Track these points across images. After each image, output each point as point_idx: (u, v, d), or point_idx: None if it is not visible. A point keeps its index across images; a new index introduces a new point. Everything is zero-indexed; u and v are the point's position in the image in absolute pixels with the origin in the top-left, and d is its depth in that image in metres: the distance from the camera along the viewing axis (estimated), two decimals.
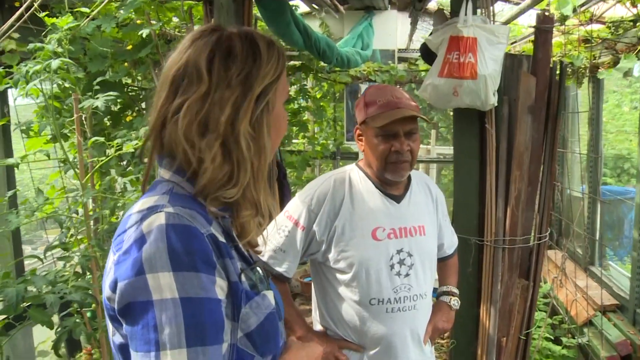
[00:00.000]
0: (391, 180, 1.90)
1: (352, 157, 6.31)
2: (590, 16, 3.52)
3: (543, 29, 2.53)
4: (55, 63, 1.97)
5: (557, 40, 4.08)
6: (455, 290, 2.14)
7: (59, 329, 1.94)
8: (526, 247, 2.72)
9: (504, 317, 2.74)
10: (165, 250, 0.90)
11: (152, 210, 0.95)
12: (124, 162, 3.15)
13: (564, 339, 3.92)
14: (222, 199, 1.02)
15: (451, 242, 2.17)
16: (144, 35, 2.71)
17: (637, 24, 3.20)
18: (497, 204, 2.65)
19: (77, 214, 2.59)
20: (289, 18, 3.17)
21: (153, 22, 3.06)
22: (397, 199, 1.93)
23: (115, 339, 0.98)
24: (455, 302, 2.10)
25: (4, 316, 2.20)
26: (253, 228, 1.08)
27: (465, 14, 2.50)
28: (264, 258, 1.89)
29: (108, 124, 3.30)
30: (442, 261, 2.17)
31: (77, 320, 1.92)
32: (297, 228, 1.88)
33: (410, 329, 1.91)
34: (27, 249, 3.84)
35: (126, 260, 0.91)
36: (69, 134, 2.91)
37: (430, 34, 2.72)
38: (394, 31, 5.53)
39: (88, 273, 2.06)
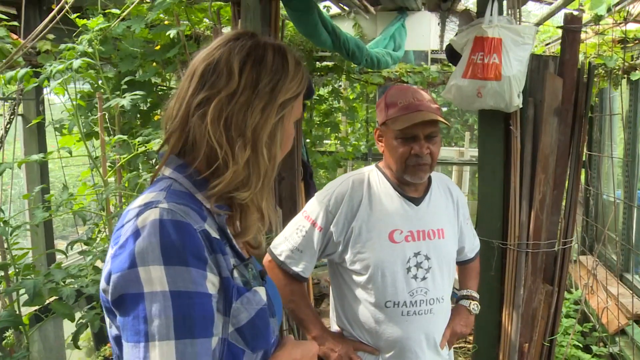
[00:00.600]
0: (410, 182, 1.89)
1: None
2: (626, 16, 3.42)
3: (571, 29, 2.48)
4: (77, 62, 2.03)
5: (592, 41, 3.98)
6: (476, 295, 2.11)
7: (79, 322, 2.00)
8: (551, 251, 2.67)
9: (527, 323, 2.69)
10: (157, 245, 0.93)
11: (148, 206, 0.98)
12: (153, 160, 3.22)
13: (594, 348, 3.82)
14: (235, 200, 1.07)
15: (472, 245, 2.14)
16: (171, 36, 2.77)
17: None
18: (521, 207, 2.61)
19: (104, 210, 2.66)
20: (316, 19, 3.17)
21: (183, 23, 3.12)
22: (416, 201, 1.92)
23: (112, 330, 1.02)
24: (474, 307, 2.07)
25: (34, 308, 2.28)
26: (254, 231, 1.13)
27: (491, 14, 2.47)
28: (281, 258, 1.91)
29: (138, 122, 3.38)
30: (463, 265, 2.15)
31: (97, 313, 1.97)
32: (315, 228, 1.88)
33: (425, 333, 1.90)
34: (61, 245, 3.95)
35: (121, 254, 0.94)
36: (99, 132, 2.99)
37: (456, 34, 2.70)
38: (427, 32, 5.47)
39: None
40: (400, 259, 1.85)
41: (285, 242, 1.93)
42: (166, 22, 3.03)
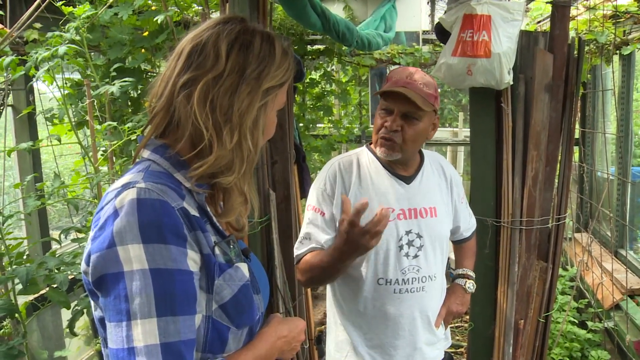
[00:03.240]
0: (397, 160, 1.90)
1: None
2: None
3: (560, 4, 2.46)
4: (62, 49, 2.02)
5: (584, 17, 3.96)
6: (471, 274, 2.12)
7: (74, 309, 2.00)
8: (544, 228, 2.67)
9: (522, 300, 2.70)
10: (135, 224, 0.93)
11: (125, 186, 0.99)
12: None
13: (589, 323, 3.85)
14: (218, 183, 1.08)
15: (468, 224, 2.15)
16: (158, 22, 2.74)
17: None
18: (514, 184, 2.61)
19: (96, 198, 2.65)
20: (305, 1, 3.15)
21: (171, 8, 3.09)
22: (407, 179, 1.92)
23: (96, 313, 1.03)
24: (470, 285, 2.09)
25: (31, 297, 2.28)
26: (236, 213, 1.14)
27: None
28: (295, 253, 1.91)
29: (129, 110, 3.36)
30: (458, 244, 2.16)
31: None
32: (317, 214, 1.90)
33: (419, 311, 1.91)
34: (56, 234, 3.95)
35: (100, 236, 0.95)
36: (89, 120, 2.97)
37: (445, 12, 2.68)
38: (417, 13, 5.43)
39: None
40: (393, 237, 1.86)
41: (296, 245, 1.94)
42: (153, 8, 3.00)
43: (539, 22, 4.77)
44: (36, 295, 2.27)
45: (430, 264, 1.92)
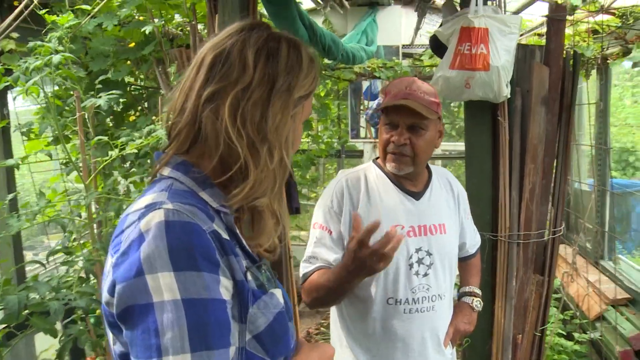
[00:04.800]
0: (405, 176, 1.85)
1: (357, 155, 6.26)
2: (600, 7, 3.46)
3: (556, 18, 2.47)
4: (56, 58, 1.91)
5: (567, 32, 4.02)
6: (478, 291, 2.07)
7: (63, 337, 1.86)
8: (540, 241, 2.66)
9: (519, 314, 2.68)
10: (165, 249, 0.85)
11: (150, 208, 0.90)
12: (127, 164, 3.09)
13: (575, 335, 3.86)
14: (251, 206, 1.00)
15: (473, 241, 2.11)
16: (147, 32, 2.65)
17: None
18: (511, 198, 2.60)
19: (80, 217, 2.53)
20: (294, 13, 3.10)
21: (155, 19, 3.00)
22: (417, 195, 1.87)
23: (116, 347, 0.93)
24: (477, 303, 2.04)
25: (4, 325, 2.13)
26: (269, 235, 1.06)
27: (476, 4, 2.45)
28: (301, 273, 1.83)
29: (111, 124, 3.25)
30: (464, 261, 2.11)
31: (82, 327, 1.84)
32: (325, 232, 1.82)
33: (429, 331, 1.85)
34: (28, 255, 3.76)
35: (125, 262, 0.86)
36: (70, 135, 2.84)
37: (440, 25, 2.67)
38: (398, 27, 5.47)
39: (92, 278, 1.98)
40: (403, 255, 1.80)
41: (301, 264, 1.85)
42: (141, 18, 2.91)
43: (521, 34, 4.82)
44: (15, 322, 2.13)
45: (440, 282, 1.87)
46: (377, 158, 1.96)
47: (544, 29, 4.24)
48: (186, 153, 1.01)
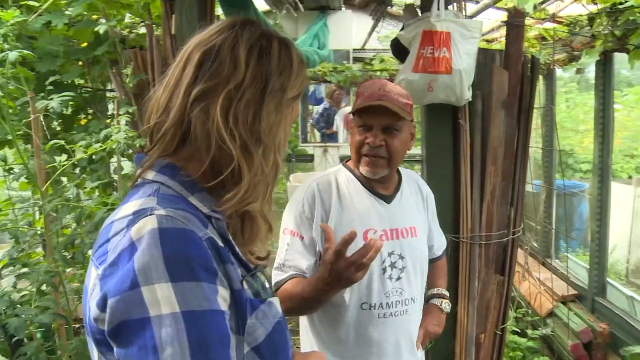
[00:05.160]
0: (379, 178, 1.83)
1: (308, 159, 6.24)
2: (547, 15, 3.58)
3: (515, 24, 2.53)
4: (13, 55, 1.78)
5: None
6: (446, 293, 2.08)
7: (19, 357, 1.73)
8: (501, 242, 2.71)
9: (481, 314, 2.72)
10: (160, 258, 0.79)
11: (139, 214, 0.84)
12: (77, 170, 2.95)
13: (528, 331, 3.97)
14: (245, 212, 0.97)
15: (440, 243, 2.12)
16: (101, 32, 2.54)
17: (596, 21, 3.26)
18: (472, 199, 2.63)
19: (29, 225, 2.39)
20: (252, 15, 3.06)
21: (102, 20, 2.88)
22: (387, 199, 1.86)
23: None
24: (446, 305, 2.04)
25: None
26: (263, 242, 1.03)
27: (438, 9, 2.47)
28: (272, 282, 1.77)
29: (58, 128, 3.09)
30: (431, 263, 2.10)
31: (41, 344, 1.71)
32: (296, 238, 1.78)
33: (403, 335, 1.84)
34: None
35: (115, 273, 0.80)
36: (33, 137, 2.69)
37: (401, 29, 2.68)
38: (348, 31, 5.48)
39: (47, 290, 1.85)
40: (376, 259, 1.78)
41: (273, 271, 1.79)
42: (94, 17, 2.78)
43: None
44: None
45: (412, 285, 1.86)
46: (347, 161, 1.93)
47: (494, 35, 4.36)
48: (171, 155, 0.95)
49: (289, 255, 1.78)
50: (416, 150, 5.69)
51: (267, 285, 1.01)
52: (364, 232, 1.78)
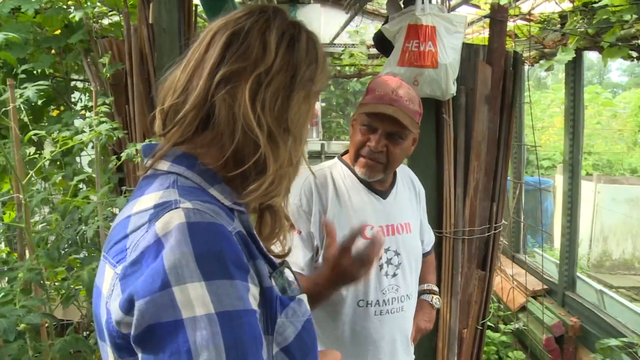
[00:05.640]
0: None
1: None
2: (520, 12, 3.62)
3: (498, 20, 2.54)
4: None
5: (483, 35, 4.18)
6: (436, 289, 2.06)
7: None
8: (483, 237, 2.73)
9: (464, 309, 2.73)
10: (191, 255, 0.73)
11: (163, 207, 0.78)
12: (47, 164, 2.82)
13: (501, 326, 4.02)
14: (268, 206, 0.93)
15: (430, 238, 2.10)
16: (76, 19, 2.42)
17: (571, 19, 3.32)
18: (455, 195, 2.63)
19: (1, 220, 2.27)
20: (230, 6, 2.98)
21: (72, 8, 2.77)
22: (383, 194, 1.82)
23: None
24: (437, 301, 2.03)
25: None
26: (285, 237, 1.00)
27: (422, 2, 2.46)
28: None
29: (25, 120, 2.95)
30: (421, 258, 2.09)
31: (23, 344, 1.60)
32: (294, 232, 1.71)
33: (399, 332, 1.82)
34: None
35: (138, 272, 0.74)
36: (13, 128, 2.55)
37: (384, 22, 2.66)
38: (318, 25, 5.44)
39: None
40: None
41: None
42: (70, 2, 2.65)
43: None
44: None
45: (408, 282, 1.84)
46: (343, 154, 1.90)
47: (466, 30, 4.39)
48: (187, 143, 0.88)
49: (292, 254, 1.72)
50: None
51: (293, 281, 0.96)
52: (361, 228, 1.75)
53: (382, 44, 2.67)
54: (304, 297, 0.93)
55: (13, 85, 1.77)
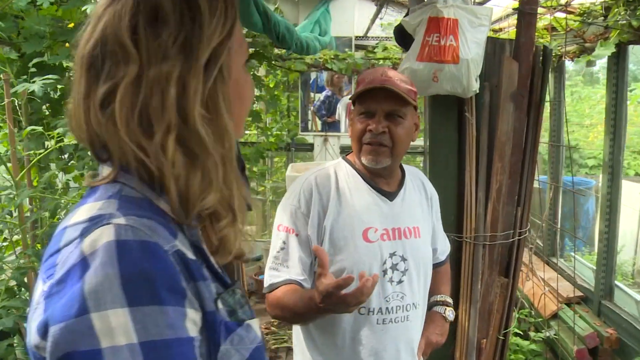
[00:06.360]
0: (380, 173, 1.70)
1: (307, 148, 6.11)
2: (558, 4, 3.42)
3: (527, 12, 2.38)
4: None
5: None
6: (450, 300, 1.94)
7: None
8: (506, 243, 2.57)
9: (484, 318, 2.59)
10: (116, 278, 0.65)
11: (95, 221, 0.70)
12: (66, 156, 2.82)
13: (531, 333, 3.85)
14: (202, 212, 0.79)
15: (444, 246, 1.98)
16: (88, 12, 2.39)
17: (613, 11, 3.10)
18: (477, 198, 2.49)
19: (11, 215, 2.27)
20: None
21: None
22: (390, 196, 1.72)
23: None
24: (450, 313, 1.91)
25: None
26: (234, 238, 0.85)
27: None
28: (265, 284, 1.67)
29: (47, 112, 2.96)
30: (434, 268, 1.96)
31: (9, 344, 1.56)
32: (292, 235, 1.66)
33: (403, 343, 1.71)
34: None
35: (61, 293, 0.66)
36: (7, 123, 2.57)
37: (406, 14, 2.53)
38: (351, 18, 5.33)
39: (23, 289, 1.70)
40: (377, 260, 1.66)
41: (268, 271, 1.68)
42: None
43: None
44: None
45: (415, 290, 1.73)
46: (347, 154, 1.80)
47: (501, 24, 4.20)
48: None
49: (285, 255, 1.66)
50: (419, 141, 5.57)
51: (245, 302, 0.86)
52: (363, 231, 1.66)
53: (404, 37, 2.54)
54: (254, 322, 0.83)
55: (8, 80, 1.74)
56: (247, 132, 5.99)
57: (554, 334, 3.71)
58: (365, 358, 1.68)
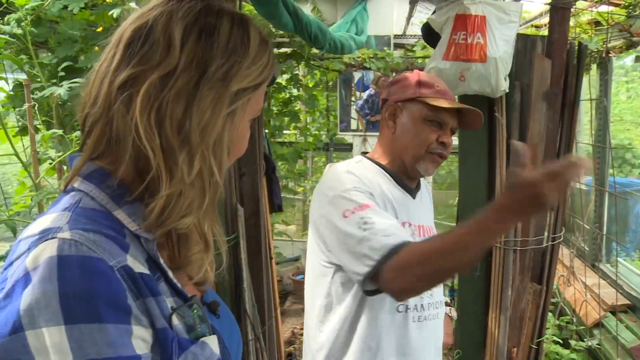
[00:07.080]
0: (414, 174, 1.64)
1: (346, 148, 6.05)
2: None
3: (560, 6, 2.27)
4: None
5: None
6: (449, 300, 1.92)
7: None
8: (539, 248, 2.47)
9: (515, 326, 2.49)
10: (55, 295, 0.64)
11: (44, 235, 0.69)
12: None
13: (572, 342, 3.69)
14: (175, 230, 0.78)
15: None
16: (115, 16, 2.43)
17: None
18: None
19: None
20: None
21: (129, 3, 2.78)
22: (413, 193, 1.68)
23: None
24: (454, 313, 1.88)
25: None
26: (200, 265, 0.85)
27: None
28: (377, 253, 1.35)
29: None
30: None
31: None
32: (371, 208, 1.45)
33: (434, 341, 1.66)
34: None
35: (6, 308, 0.65)
36: (39, 126, 2.63)
37: (434, 12, 2.46)
38: (389, 16, 5.26)
39: None
40: None
41: (374, 239, 1.38)
42: (109, 1, 2.68)
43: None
44: None
45: (439, 287, 1.69)
46: (366, 153, 1.74)
47: (542, 20, 4.05)
48: (102, 157, 0.78)
49: (382, 220, 1.42)
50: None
51: (204, 318, 0.82)
52: (400, 224, 1.57)
53: (431, 35, 2.47)
54: (211, 339, 0.81)
55: (29, 86, 1.78)
56: (285, 132, 5.98)
57: (597, 344, 3.54)
58: (404, 358, 1.60)
